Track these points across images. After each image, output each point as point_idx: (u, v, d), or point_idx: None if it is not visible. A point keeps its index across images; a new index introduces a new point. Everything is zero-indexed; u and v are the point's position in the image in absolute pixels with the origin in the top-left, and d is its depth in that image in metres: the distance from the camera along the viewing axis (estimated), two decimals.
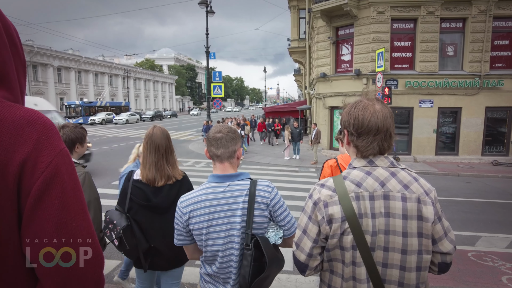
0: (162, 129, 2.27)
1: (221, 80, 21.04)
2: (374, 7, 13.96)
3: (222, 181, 1.60)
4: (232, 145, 1.63)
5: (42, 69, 43.62)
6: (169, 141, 2.27)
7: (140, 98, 68.01)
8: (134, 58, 75.99)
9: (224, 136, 1.61)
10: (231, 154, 1.63)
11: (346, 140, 1.36)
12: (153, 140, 2.18)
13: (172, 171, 2.21)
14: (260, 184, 1.61)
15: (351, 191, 1.26)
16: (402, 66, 14.55)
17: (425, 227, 1.22)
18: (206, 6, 20.16)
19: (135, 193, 2.16)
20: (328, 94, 16.18)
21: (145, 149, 2.18)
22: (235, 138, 1.65)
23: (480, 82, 13.84)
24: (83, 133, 2.40)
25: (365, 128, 1.27)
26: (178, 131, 28.78)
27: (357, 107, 1.30)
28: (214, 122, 20.03)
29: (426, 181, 1.30)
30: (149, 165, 2.15)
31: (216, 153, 1.62)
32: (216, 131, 1.64)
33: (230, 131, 1.65)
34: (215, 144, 1.62)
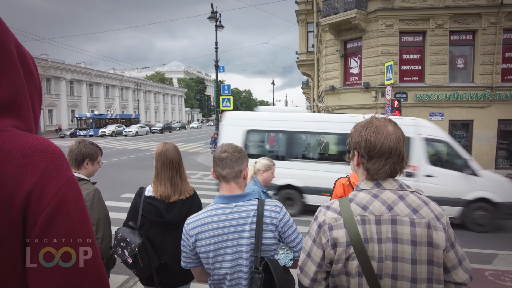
0: (174, 144, 2.29)
1: (229, 93, 21.18)
2: (383, 20, 14.00)
3: (228, 202, 1.57)
4: (238, 165, 1.59)
5: (55, 82, 44.69)
6: (180, 156, 2.29)
7: (150, 110, 68.92)
8: (145, 71, 77.47)
9: (229, 156, 1.58)
10: (237, 174, 1.60)
11: (356, 162, 1.31)
12: (167, 156, 2.19)
13: (184, 186, 2.22)
14: (268, 204, 1.57)
15: (356, 214, 1.21)
16: (411, 78, 14.47)
17: (436, 254, 1.16)
18: (216, 21, 20.52)
19: (148, 210, 2.15)
20: (337, 107, 16.13)
21: (159, 165, 2.18)
22: (241, 158, 1.61)
23: (491, 94, 13.65)
24: (97, 151, 2.41)
25: (377, 151, 1.22)
26: (187, 143, 28.96)
27: (369, 128, 1.25)
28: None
29: (437, 205, 1.24)
30: (164, 181, 2.15)
31: (221, 173, 1.59)
32: (221, 151, 1.61)
33: (235, 150, 1.61)
34: (221, 164, 1.59)
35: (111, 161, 17.25)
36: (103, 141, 30.81)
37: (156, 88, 71.07)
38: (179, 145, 21.29)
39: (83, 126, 39.11)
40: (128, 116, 48.54)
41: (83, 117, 39.84)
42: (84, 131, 38.09)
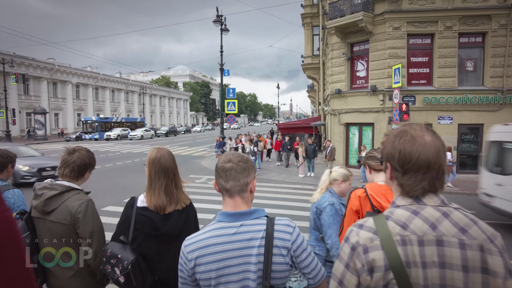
0: (168, 150, 2.09)
1: (234, 96, 21.09)
2: (390, 23, 13.80)
3: (233, 220, 1.36)
4: (243, 177, 1.39)
5: (61, 86, 45.02)
6: (175, 163, 2.10)
7: (155, 114, 69.16)
8: (150, 75, 77.87)
9: (234, 167, 1.39)
10: (243, 187, 1.40)
11: (389, 175, 1.15)
12: (161, 164, 2.00)
13: (180, 196, 2.04)
14: (279, 223, 1.36)
15: (395, 233, 1.04)
16: (419, 82, 14.22)
17: (492, 284, 0.97)
18: (221, 24, 20.47)
19: (141, 222, 1.95)
20: (343, 111, 15.91)
21: (153, 174, 1.99)
22: (247, 169, 1.41)
23: (502, 97, 13.36)
24: (94, 158, 2.28)
25: (413, 164, 1.06)
26: (191, 147, 28.85)
27: (403, 138, 1.09)
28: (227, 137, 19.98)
29: (487, 225, 1.06)
30: (159, 190, 1.97)
31: (225, 186, 1.39)
32: (225, 161, 1.42)
33: (241, 160, 1.42)
34: (224, 176, 1.39)
35: (115, 164, 17.16)
36: (108, 145, 30.83)
37: (161, 92, 71.34)
38: (183, 149, 21.01)
39: (89, 129, 39.25)
40: (133, 120, 48.67)
41: (88, 120, 39.97)
42: (90, 135, 38.23)
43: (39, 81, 41.42)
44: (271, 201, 9.89)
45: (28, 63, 39.16)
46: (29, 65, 39.37)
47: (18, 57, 37.42)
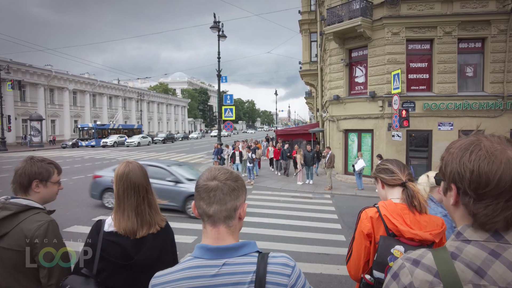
0: (139, 164, 1.80)
1: (232, 103, 20.85)
2: (389, 28, 13.64)
3: (214, 256, 1.06)
4: (232, 200, 1.09)
5: (58, 93, 44.76)
6: (148, 178, 1.79)
7: (153, 120, 68.88)
8: (149, 81, 77.74)
9: (220, 186, 1.09)
10: (230, 213, 1.09)
11: (454, 200, 0.87)
12: (130, 179, 1.70)
13: (154, 217, 1.74)
14: (274, 262, 1.07)
15: (467, 281, 0.78)
16: (419, 87, 14.02)
17: None
18: (218, 30, 20.33)
19: (109, 250, 1.64)
20: (342, 117, 15.68)
21: (121, 192, 1.70)
22: (236, 189, 1.11)
23: (503, 103, 13.16)
24: (49, 168, 1.82)
25: (492, 188, 0.79)
26: (189, 154, 28.52)
27: (476, 152, 0.83)
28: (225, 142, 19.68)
29: None
30: (128, 211, 1.67)
31: (207, 211, 1.08)
32: (208, 177, 1.12)
33: (230, 177, 1.12)
34: (206, 198, 1.09)
35: None
36: (104, 152, 30.47)
37: (159, 98, 71.12)
38: (180, 156, 20.73)
39: (85, 136, 38.84)
40: (130, 127, 48.30)
41: (85, 127, 39.57)
42: (86, 142, 37.83)
43: (35, 87, 41.13)
44: (268, 210, 9.58)
45: (25, 70, 38.92)
46: (26, 71, 39.11)
47: (14, 64, 37.17)
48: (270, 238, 7.08)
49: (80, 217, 8.38)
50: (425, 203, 1.69)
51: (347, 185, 14.02)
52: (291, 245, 6.64)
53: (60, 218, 8.22)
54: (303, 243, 6.76)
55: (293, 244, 6.67)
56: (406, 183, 1.75)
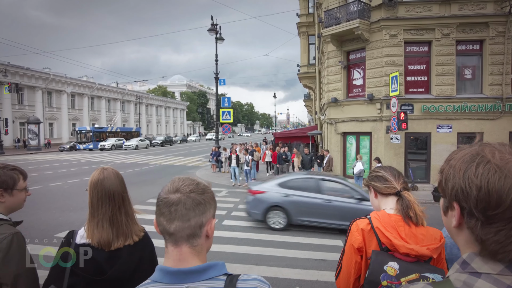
0: (115, 171, 1.67)
1: (230, 105, 20.76)
2: (387, 30, 13.58)
3: (175, 280, 0.92)
4: (196, 215, 0.96)
5: (56, 96, 44.59)
6: (124, 186, 1.67)
7: (151, 123, 68.72)
8: (147, 84, 77.66)
9: (182, 200, 0.95)
10: (194, 231, 0.96)
11: (456, 221, 0.72)
12: (105, 187, 1.58)
13: (131, 227, 1.61)
14: (245, 287, 0.94)
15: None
16: (417, 90, 13.94)
17: None
18: (216, 33, 20.26)
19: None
20: (340, 120, 15.58)
21: (95, 200, 1.58)
22: (202, 203, 0.97)
23: (502, 105, 13.07)
24: (13, 175, 1.67)
25: (505, 209, 0.63)
26: (186, 157, 28.37)
27: (485, 166, 0.67)
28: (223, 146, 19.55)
29: None
30: (102, 221, 1.55)
31: (167, 228, 0.95)
32: (170, 190, 0.98)
33: (195, 189, 0.98)
34: (167, 213, 0.95)
35: None
36: (102, 155, 30.30)
37: (158, 101, 71.00)
38: (178, 159, 20.50)
39: (83, 139, 38.68)
40: (128, 130, 48.11)
41: (82, 130, 39.42)
42: (84, 145, 37.66)
43: (33, 90, 40.98)
44: None
45: (23, 73, 38.77)
46: (24, 74, 38.96)
47: (12, 67, 37.04)
48: (266, 243, 6.94)
49: (74, 221, 8.21)
50: (422, 214, 1.54)
51: None
52: (287, 250, 6.50)
53: (53, 222, 8.10)
54: (300, 249, 6.62)
55: (289, 250, 6.53)
56: (401, 192, 1.60)
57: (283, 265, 5.74)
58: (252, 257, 6.11)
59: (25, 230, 5.70)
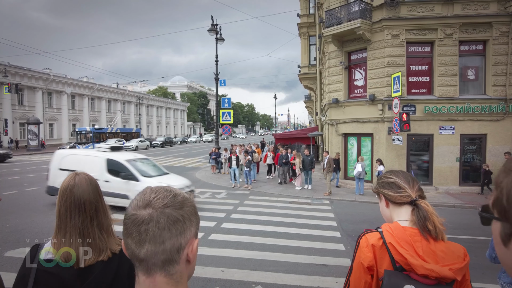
0: (89, 177, 1.47)
1: (230, 106, 20.61)
2: (388, 30, 13.40)
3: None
4: (172, 236, 0.77)
5: (56, 96, 44.45)
6: (100, 195, 1.47)
7: (152, 124, 68.55)
8: (148, 85, 77.50)
9: (154, 217, 0.76)
10: (171, 255, 0.77)
11: (500, 238, 0.55)
12: (75, 195, 1.38)
13: (106, 241, 1.41)
14: None
15: None
16: (419, 91, 13.76)
17: None
18: (216, 33, 20.11)
19: (44, 283, 1.31)
20: (341, 121, 15.39)
21: (63, 210, 1.38)
22: (181, 220, 0.78)
23: (506, 106, 12.88)
24: None
25: None
26: (186, 158, 28.19)
27: None
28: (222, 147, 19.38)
29: None
30: (71, 234, 1.36)
31: (137, 253, 0.76)
32: (140, 203, 0.79)
33: (170, 202, 0.79)
34: (136, 234, 0.76)
35: None
36: None
37: (158, 102, 70.84)
38: (178, 160, 20.30)
39: (83, 140, 38.48)
40: (128, 130, 47.93)
41: (82, 131, 39.21)
42: (84, 145, 37.47)
43: (33, 91, 40.84)
44: (264, 217, 9.24)
45: (23, 73, 38.63)
46: (24, 75, 38.83)
47: (12, 67, 36.90)
48: (266, 247, 6.75)
49: None
50: (441, 227, 1.32)
51: (347, 190, 13.70)
52: (287, 255, 6.31)
53: (48, 225, 7.92)
54: (300, 253, 6.43)
55: (290, 254, 6.34)
56: (416, 201, 1.38)
57: (283, 271, 5.56)
58: (251, 262, 5.92)
59: (18, 232, 5.51)
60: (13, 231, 7.26)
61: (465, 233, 7.52)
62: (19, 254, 5.73)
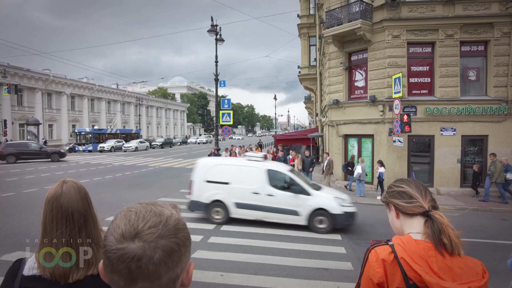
0: (77, 185, 1.36)
1: (229, 107, 20.51)
2: (389, 31, 13.33)
3: None
4: (169, 270, 0.66)
5: (56, 97, 44.36)
6: (90, 204, 1.36)
7: (151, 125, 68.46)
8: (148, 86, 77.41)
9: (148, 253, 0.64)
10: None
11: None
12: (61, 205, 1.28)
13: (96, 253, 1.30)
14: None
15: None
16: (420, 92, 13.68)
17: None
18: (216, 34, 20.02)
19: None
20: (341, 122, 15.31)
21: (48, 220, 1.28)
22: (177, 250, 0.67)
23: (507, 108, 12.80)
24: None
25: None
26: (186, 159, 28.09)
27: None
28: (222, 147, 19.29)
29: None
30: (58, 246, 1.26)
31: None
32: (126, 234, 0.65)
33: (164, 232, 0.67)
34: (125, 272, 0.64)
35: (104, 178, 16.39)
36: (101, 157, 30.03)
37: (158, 103, 70.76)
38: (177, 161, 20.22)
39: (82, 141, 38.42)
40: (128, 131, 47.84)
41: (82, 132, 39.13)
42: (83, 146, 37.41)
43: (33, 92, 40.76)
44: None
45: (23, 74, 38.56)
46: (23, 75, 38.75)
47: (12, 68, 36.82)
48: (266, 251, 6.66)
49: None
50: (457, 240, 1.22)
51: (347, 192, 13.59)
52: (288, 258, 6.22)
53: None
54: (301, 256, 6.34)
55: (290, 258, 6.25)
56: (429, 212, 1.29)
57: (284, 275, 5.46)
58: (251, 266, 5.83)
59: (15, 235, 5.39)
60: (10, 234, 7.16)
61: (468, 235, 7.42)
62: (16, 258, 5.64)
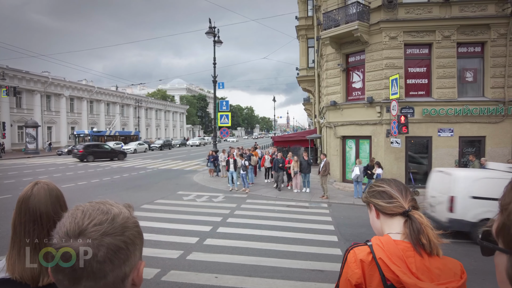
0: (50, 186, 1.33)
1: (228, 109, 20.55)
2: (386, 32, 13.35)
3: None
4: (116, 268, 0.66)
5: (55, 99, 44.36)
6: (62, 207, 1.32)
7: (151, 127, 68.44)
8: (147, 88, 77.40)
9: (92, 250, 0.64)
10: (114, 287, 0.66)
11: (507, 276, 0.45)
12: (29, 207, 1.25)
13: None
14: None
15: None
16: (418, 93, 13.69)
17: None
18: (214, 36, 20.07)
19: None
20: (339, 123, 15.31)
21: (16, 222, 1.25)
22: (123, 248, 0.67)
23: (504, 109, 12.81)
24: None
25: None
26: (185, 161, 28.09)
27: None
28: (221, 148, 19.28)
29: None
30: (25, 249, 1.22)
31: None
32: (70, 232, 0.65)
33: (109, 229, 0.66)
34: (69, 271, 0.63)
35: (102, 180, 16.36)
36: None
37: (157, 105, 70.75)
38: (176, 163, 20.21)
39: (81, 143, 38.36)
40: (127, 133, 47.82)
41: (81, 134, 39.05)
42: None
43: (32, 94, 40.76)
44: (261, 221, 9.12)
45: (21, 76, 38.56)
46: (22, 78, 38.76)
47: (10, 70, 36.82)
48: (262, 252, 6.64)
49: None
50: (436, 241, 1.21)
51: (345, 194, 13.59)
52: (283, 260, 6.20)
53: None
54: (296, 258, 6.32)
55: (286, 260, 6.23)
56: (409, 212, 1.28)
57: (278, 277, 5.44)
58: (246, 268, 5.81)
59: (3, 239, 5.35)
60: (5, 236, 7.14)
61: (464, 237, 7.41)
62: None
